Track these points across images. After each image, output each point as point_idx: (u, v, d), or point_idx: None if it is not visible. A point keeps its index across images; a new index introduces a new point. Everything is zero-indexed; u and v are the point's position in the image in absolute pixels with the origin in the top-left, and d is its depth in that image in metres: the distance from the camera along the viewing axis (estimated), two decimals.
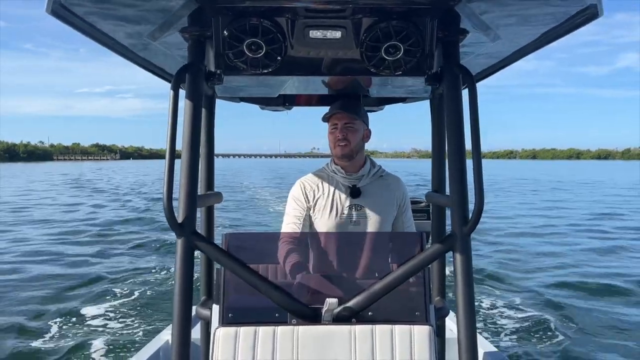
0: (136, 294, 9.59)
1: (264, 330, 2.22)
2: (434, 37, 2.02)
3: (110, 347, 7.08)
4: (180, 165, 2.05)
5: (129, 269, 11.76)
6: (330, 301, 2.20)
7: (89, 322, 8.16)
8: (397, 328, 2.23)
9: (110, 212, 23.30)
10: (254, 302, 2.32)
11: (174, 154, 2.01)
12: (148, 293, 9.65)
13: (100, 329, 7.86)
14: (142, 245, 14.75)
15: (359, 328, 2.21)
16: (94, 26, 2.08)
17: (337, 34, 2.01)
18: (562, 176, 67.41)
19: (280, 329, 2.22)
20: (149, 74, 2.79)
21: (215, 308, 2.42)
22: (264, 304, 2.22)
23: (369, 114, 3.15)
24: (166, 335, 3.94)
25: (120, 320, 8.23)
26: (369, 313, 2.25)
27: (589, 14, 1.88)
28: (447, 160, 2.13)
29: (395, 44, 1.98)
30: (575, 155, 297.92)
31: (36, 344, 7.31)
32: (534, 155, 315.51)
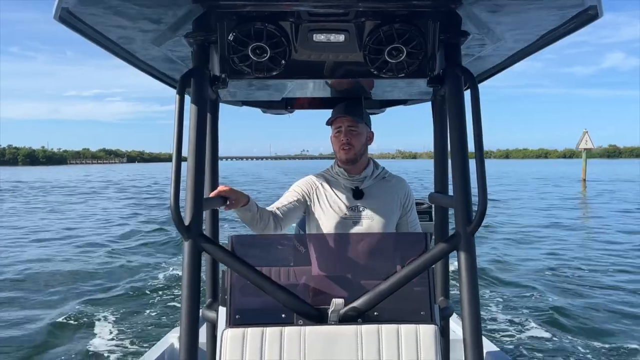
0: (145, 294, 9.08)
1: (271, 331, 2.10)
2: (436, 39, 1.92)
3: (116, 350, 6.68)
4: (186, 169, 1.93)
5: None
6: (337, 302, 2.09)
7: (93, 323, 7.64)
8: (403, 328, 2.11)
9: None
10: (261, 304, 2.19)
11: (180, 158, 1.89)
12: (156, 294, 9.15)
13: (106, 331, 7.39)
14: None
15: (365, 328, 2.09)
16: (100, 32, 1.98)
17: (341, 38, 1.90)
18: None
19: (287, 329, 2.10)
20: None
21: (222, 310, 2.29)
22: (270, 305, 2.11)
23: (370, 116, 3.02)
24: (171, 338, 3.78)
25: (127, 322, 7.76)
26: (375, 313, 2.14)
27: (590, 15, 1.80)
28: (450, 161, 2.02)
29: (398, 46, 1.87)
30: (544, 154, 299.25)
31: (39, 341, 6.89)
32: (507, 155, 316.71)
